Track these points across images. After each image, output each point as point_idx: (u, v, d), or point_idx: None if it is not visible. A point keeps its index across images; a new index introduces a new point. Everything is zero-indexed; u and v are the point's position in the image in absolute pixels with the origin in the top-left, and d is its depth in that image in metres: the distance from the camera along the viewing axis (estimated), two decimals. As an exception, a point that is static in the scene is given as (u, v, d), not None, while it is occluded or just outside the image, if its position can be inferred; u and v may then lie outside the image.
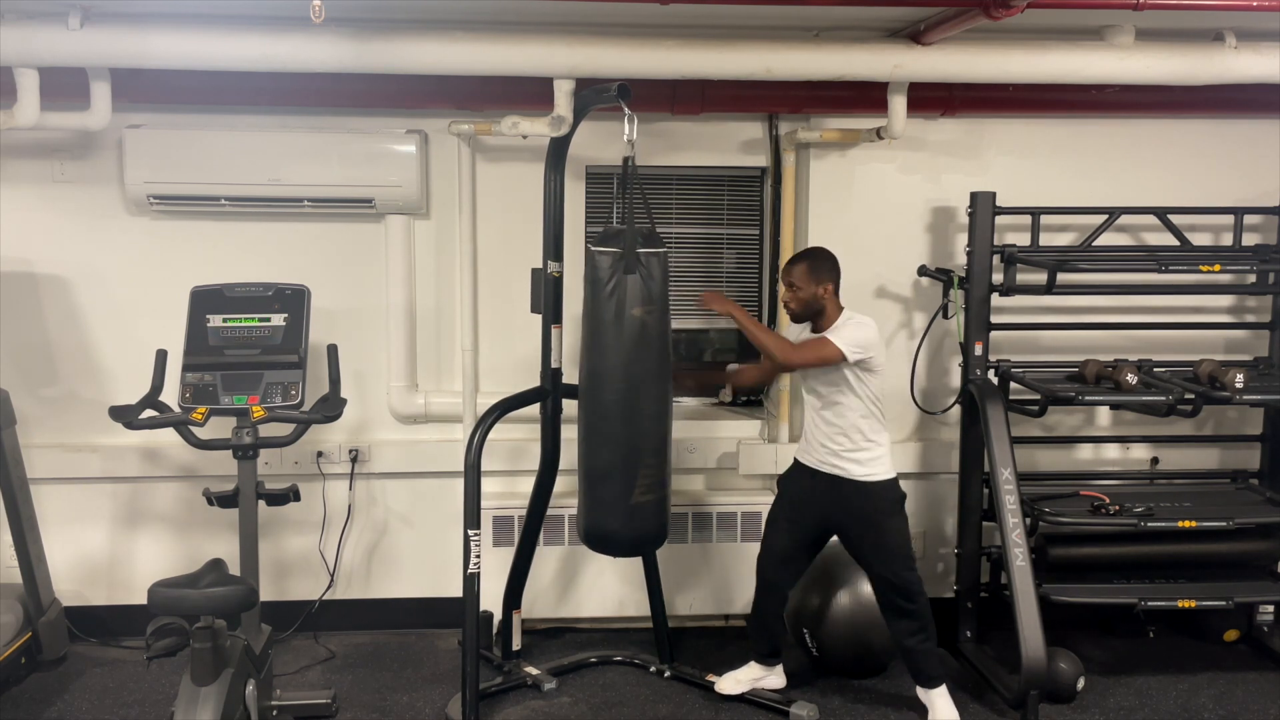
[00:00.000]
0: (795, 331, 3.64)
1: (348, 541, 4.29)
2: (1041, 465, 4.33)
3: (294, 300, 3.69)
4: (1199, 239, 4.20)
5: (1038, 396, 3.82)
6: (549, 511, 3.94)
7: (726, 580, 4.28)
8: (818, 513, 3.59)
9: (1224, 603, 3.86)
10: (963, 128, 4.23)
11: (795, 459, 3.71)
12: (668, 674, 3.91)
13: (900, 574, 3.51)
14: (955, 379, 4.29)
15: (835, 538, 3.66)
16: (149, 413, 3.56)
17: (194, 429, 3.47)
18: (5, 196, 4.02)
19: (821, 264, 3.49)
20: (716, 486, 4.39)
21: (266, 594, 3.88)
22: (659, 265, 3.31)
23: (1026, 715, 3.56)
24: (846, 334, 3.41)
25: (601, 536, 3.47)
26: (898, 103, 3.84)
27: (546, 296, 3.66)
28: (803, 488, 3.63)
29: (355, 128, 4.04)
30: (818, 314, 3.51)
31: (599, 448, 3.39)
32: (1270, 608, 4.15)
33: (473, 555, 3.48)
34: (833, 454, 3.52)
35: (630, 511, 3.37)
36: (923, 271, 4.19)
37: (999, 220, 3.99)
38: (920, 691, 3.60)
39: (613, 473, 3.36)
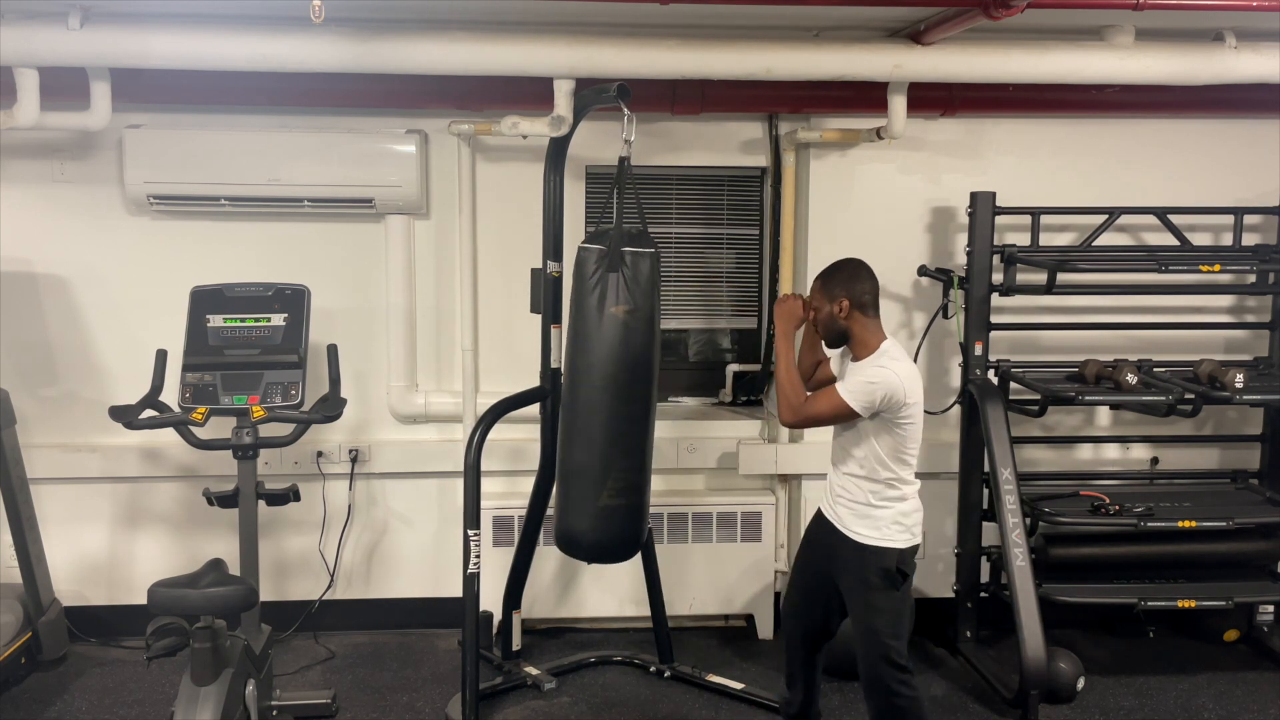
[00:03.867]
0: (835, 356, 3.16)
1: (348, 541, 4.29)
2: (1041, 465, 4.33)
3: (294, 300, 3.69)
4: (1199, 239, 4.20)
5: (1038, 396, 3.83)
6: (549, 511, 3.94)
7: (726, 580, 4.27)
8: (821, 563, 3.13)
9: (1224, 603, 3.87)
10: (963, 128, 4.22)
11: None
12: (668, 674, 3.92)
13: (875, 666, 2.95)
14: (955, 379, 4.29)
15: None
16: (149, 413, 3.56)
17: (194, 429, 3.47)
18: (5, 196, 4.02)
19: (834, 277, 2.99)
20: (716, 486, 4.38)
21: (266, 594, 3.88)
22: (646, 265, 3.27)
23: (1026, 715, 3.56)
24: (853, 383, 2.91)
25: (568, 538, 3.45)
26: (898, 103, 3.84)
27: (546, 296, 3.66)
28: (811, 525, 3.22)
29: (355, 128, 4.04)
30: (847, 337, 3.00)
31: (571, 445, 3.38)
32: (1270, 608, 4.15)
33: (473, 555, 3.48)
34: (834, 495, 3.09)
35: (598, 514, 3.33)
36: (923, 271, 4.19)
37: (999, 220, 3.99)
38: None
39: (584, 472, 3.34)
